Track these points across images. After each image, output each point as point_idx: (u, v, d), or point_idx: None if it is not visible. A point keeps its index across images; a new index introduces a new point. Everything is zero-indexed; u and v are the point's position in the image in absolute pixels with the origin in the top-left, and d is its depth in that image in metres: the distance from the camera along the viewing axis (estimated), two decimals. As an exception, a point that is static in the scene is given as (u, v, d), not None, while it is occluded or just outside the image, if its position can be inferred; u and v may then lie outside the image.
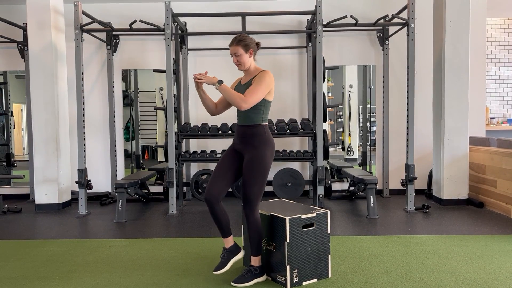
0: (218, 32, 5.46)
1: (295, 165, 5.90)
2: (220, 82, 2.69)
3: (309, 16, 5.64)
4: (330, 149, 5.90)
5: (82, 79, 4.93)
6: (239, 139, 2.81)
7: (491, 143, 5.15)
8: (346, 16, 4.90)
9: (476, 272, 2.94)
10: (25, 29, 5.66)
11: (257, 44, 2.86)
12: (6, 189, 6.17)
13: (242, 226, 3.11)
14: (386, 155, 5.83)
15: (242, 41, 2.76)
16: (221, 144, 5.87)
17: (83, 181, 4.88)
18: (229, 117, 5.96)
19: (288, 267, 2.69)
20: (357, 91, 6.60)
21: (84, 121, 4.97)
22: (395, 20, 5.21)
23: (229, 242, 2.83)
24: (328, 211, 2.89)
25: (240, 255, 2.83)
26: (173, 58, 5.37)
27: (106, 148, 6.03)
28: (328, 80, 6.57)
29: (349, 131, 6.78)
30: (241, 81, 2.87)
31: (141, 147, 6.67)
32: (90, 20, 5.02)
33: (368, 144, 6.45)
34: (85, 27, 4.93)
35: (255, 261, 2.77)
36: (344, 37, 5.96)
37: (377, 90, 6.02)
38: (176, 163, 5.01)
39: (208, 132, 5.21)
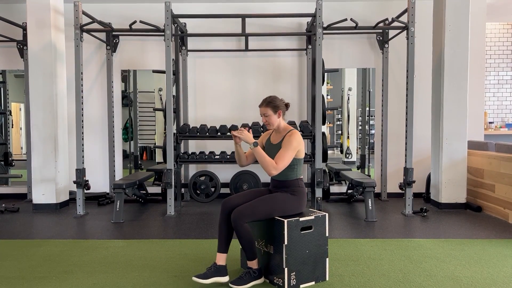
0: (218, 33, 5.47)
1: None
2: (256, 144, 2.80)
3: (309, 19, 5.64)
4: (329, 152, 5.90)
5: (81, 79, 4.93)
6: (274, 189, 2.98)
7: (490, 148, 5.16)
8: (346, 19, 4.91)
9: (473, 277, 2.94)
10: (24, 28, 5.66)
11: (286, 105, 3.02)
12: (3, 188, 6.15)
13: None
14: (384, 158, 5.83)
15: (271, 103, 2.91)
16: (220, 146, 5.86)
17: (81, 181, 4.87)
18: (228, 118, 5.97)
19: (286, 269, 2.68)
20: (356, 94, 6.60)
21: (82, 121, 4.97)
22: (395, 24, 5.22)
23: (221, 259, 2.80)
24: (326, 214, 2.89)
25: (224, 279, 2.77)
26: (173, 59, 5.36)
27: (105, 148, 6.02)
28: (328, 83, 6.58)
29: (348, 134, 6.79)
30: (271, 139, 3.03)
31: (139, 147, 6.66)
32: (90, 20, 5.02)
33: (366, 147, 6.45)
34: (85, 27, 4.93)
35: (252, 264, 2.77)
36: (344, 40, 5.97)
37: (376, 93, 6.02)
38: (174, 164, 5.00)
39: (207, 134, 5.21)
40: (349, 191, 5.67)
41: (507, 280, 2.88)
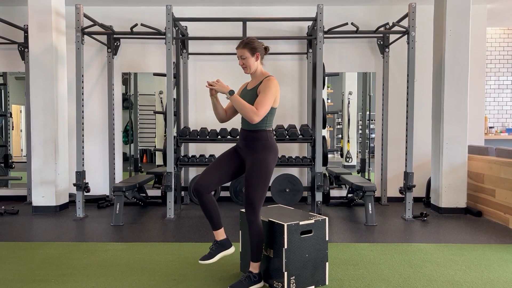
0: (219, 37, 5.48)
1: (294, 171, 5.89)
2: (232, 92, 2.67)
3: (310, 23, 5.65)
4: (329, 156, 5.90)
5: (82, 82, 4.93)
6: (242, 143, 2.82)
7: (490, 152, 5.16)
8: (347, 23, 4.92)
9: (473, 282, 2.93)
10: (26, 31, 5.67)
11: (265, 48, 2.86)
12: (3, 190, 6.15)
13: (240, 231, 3.10)
14: (385, 162, 5.83)
15: (249, 44, 2.76)
16: (220, 149, 5.83)
17: (81, 184, 4.86)
18: (228, 122, 5.96)
19: (285, 273, 2.67)
20: (357, 98, 6.61)
21: (83, 123, 4.97)
22: (396, 28, 5.23)
23: (219, 234, 2.79)
24: (326, 218, 2.89)
25: (230, 250, 2.78)
26: (174, 62, 5.38)
27: (105, 151, 6.02)
28: (328, 87, 6.59)
29: (348, 138, 6.79)
30: (248, 85, 2.87)
31: (139, 150, 6.66)
32: (91, 23, 5.03)
33: (367, 151, 6.45)
34: (86, 30, 4.94)
35: (254, 267, 2.75)
36: (345, 44, 5.98)
37: (377, 97, 6.03)
38: (174, 167, 5.00)
39: (207, 137, 5.21)
40: (349, 195, 5.66)
41: (507, 285, 2.87)
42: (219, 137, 5.22)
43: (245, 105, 2.65)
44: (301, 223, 2.75)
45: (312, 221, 2.80)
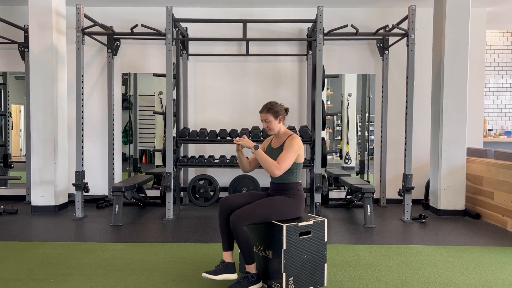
0: (219, 38, 5.49)
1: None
2: (256, 147, 2.87)
3: (309, 24, 5.67)
4: (328, 157, 5.90)
5: (82, 82, 4.94)
6: (273, 193, 2.99)
7: (489, 155, 5.17)
8: (346, 25, 4.94)
9: (471, 284, 2.94)
10: (26, 31, 5.67)
11: (286, 110, 3.05)
12: (2, 190, 6.15)
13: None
14: (384, 164, 5.84)
15: (272, 109, 2.96)
16: (220, 150, 5.87)
17: (80, 184, 4.86)
18: (228, 123, 5.97)
19: (284, 274, 2.68)
20: (356, 100, 6.62)
21: (82, 123, 4.97)
22: (395, 31, 5.24)
23: (227, 256, 2.83)
24: (325, 219, 2.89)
25: (233, 276, 2.79)
26: (174, 63, 5.38)
27: (104, 151, 6.03)
28: (328, 88, 6.60)
29: (347, 139, 6.79)
30: (272, 143, 3.07)
31: (139, 150, 6.66)
32: (92, 23, 5.04)
33: (366, 153, 6.46)
34: (86, 30, 4.95)
35: (251, 268, 2.76)
36: (344, 46, 5.99)
37: (376, 99, 6.04)
38: (174, 168, 5.00)
39: (207, 138, 5.22)
40: (348, 197, 5.67)
41: (505, 288, 2.88)
42: (219, 138, 5.23)
43: (268, 160, 2.84)
44: (300, 224, 2.76)
45: (311, 222, 2.81)
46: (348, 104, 6.71)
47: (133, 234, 4.22)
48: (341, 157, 6.91)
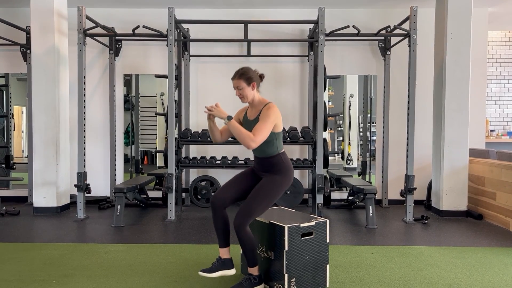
0: (221, 39, 5.49)
1: (295, 173, 5.87)
2: (229, 118, 2.67)
3: (311, 25, 5.67)
4: (330, 158, 5.90)
5: (84, 83, 4.94)
6: (258, 167, 2.87)
7: (491, 155, 5.16)
8: (348, 26, 4.93)
9: (474, 285, 2.93)
10: (28, 32, 5.68)
11: (261, 76, 2.87)
12: (4, 191, 6.15)
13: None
14: (385, 165, 5.83)
15: (244, 75, 2.78)
16: (221, 151, 5.86)
17: (82, 185, 4.87)
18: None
19: (286, 275, 2.67)
20: (358, 101, 6.61)
21: (84, 124, 4.97)
22: (397, 31, 5.24)
23: (224, 253, 2.81)
24: (327, 220, 2.89)
25: (231, 272, 2.79)
26: (175, 64, 5.39)
27: (106, 152, 6.03)
28: (329, 89, 6.60)
29: (349, 140, 6.79)
30: (248, 114, 2.89)
31: (140, 152, 6.66)
32: (94, 25, 5.05)
33: (367, 153, 6.45)
34: (88, 32, 4.95)
35: (253, 270, 2.75)
36: (346, 46, 5.99)
37: (378, 100, 6.03)
38: (175, 169, 5.00)
39: (208, 139, 5.22)
40: (350, 198, 5.66)
41: (508, 289, 2.87)
42: (220, 139, 5.22)
43: (242, 132, 2.65)
44: (302, 225, 2.75)
45: (313, 223, 2.80)
46: (350, 105, 6.71)
47: (135, 235, 4.22)
48: (342, 158, 6.90)
